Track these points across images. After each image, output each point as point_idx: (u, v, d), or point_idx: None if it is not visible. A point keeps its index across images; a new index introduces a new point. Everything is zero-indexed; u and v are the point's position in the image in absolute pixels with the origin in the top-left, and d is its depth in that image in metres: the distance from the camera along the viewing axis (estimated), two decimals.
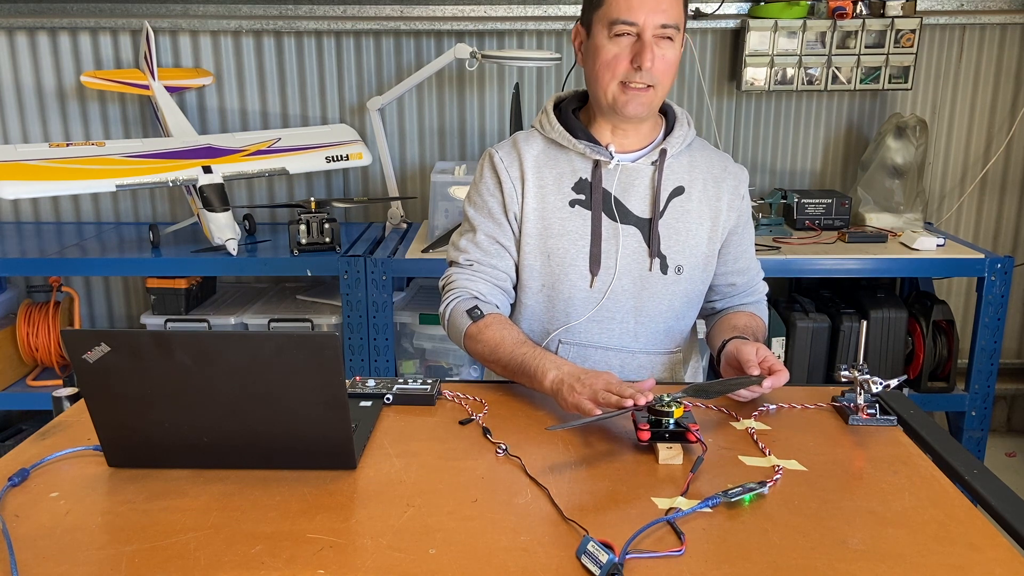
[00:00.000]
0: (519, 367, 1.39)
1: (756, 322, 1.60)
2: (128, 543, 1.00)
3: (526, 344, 1.43)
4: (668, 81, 1.46)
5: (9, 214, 3.07)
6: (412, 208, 3.00)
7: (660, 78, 1.44)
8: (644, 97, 1.45)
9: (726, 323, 1.59)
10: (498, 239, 1.54)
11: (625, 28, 1.41)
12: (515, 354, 1.41)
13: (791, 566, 0.95)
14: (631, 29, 1.41)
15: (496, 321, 1.47)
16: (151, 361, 1.09)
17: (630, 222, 1.52)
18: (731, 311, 1.64)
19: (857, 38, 2.77)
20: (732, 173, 1.58)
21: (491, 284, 1.54)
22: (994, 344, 2.46)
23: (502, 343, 1.43)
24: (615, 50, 1.43)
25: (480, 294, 1.52)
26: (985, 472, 1.16)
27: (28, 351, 2.71)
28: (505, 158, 1.54)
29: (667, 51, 1.43)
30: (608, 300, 1.53)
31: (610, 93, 1.46)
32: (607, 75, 1.44)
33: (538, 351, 1.40)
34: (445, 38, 2.90)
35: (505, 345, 1.43)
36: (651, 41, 1.41)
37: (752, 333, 1.53)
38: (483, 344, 1.46)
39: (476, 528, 1.03)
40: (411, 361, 2.65)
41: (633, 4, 1.40)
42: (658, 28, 1.41)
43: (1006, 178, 3.07)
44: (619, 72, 1.43)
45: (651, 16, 1.40)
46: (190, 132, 2.68)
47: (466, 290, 1.53)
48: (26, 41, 2.91)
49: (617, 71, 1.43)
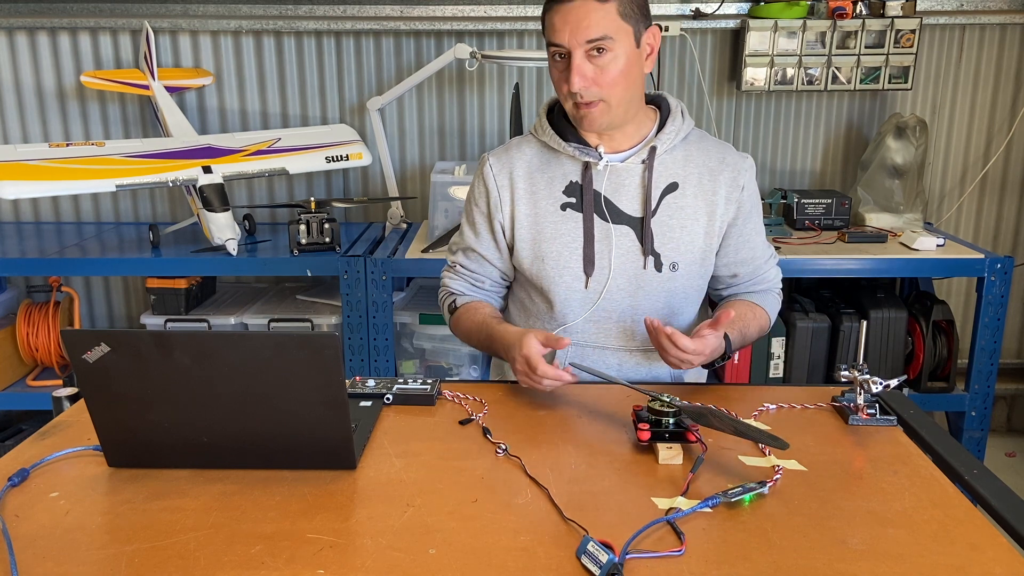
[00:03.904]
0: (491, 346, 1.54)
1: (753, 310, 1.59)
2: (128, 543, 1.00)
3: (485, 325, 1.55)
4: (620, 90, 1.43)
5: (9, 214, 3.07)
6: (412, 208, 3.00)
7: (606, 91, 1.42)
8: (595, 112, 1.45)
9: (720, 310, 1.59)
10: (476, 249, 1.63)
11: (557, 50, 1.42)
12: (482, 336, 1.56)
13: (791, 566, 0.95)
14: (561, 50, 1.41)
15: (469, 309, 1.61)
16: (151, 361, 1.09)
17: (622, 222, 1.53)
18: (734, 299, 1.64)
19: (857, 38, 2.77)
20: (730, 164, 1.55)
21: (469, 284, 1.66)
22: (994, 344, 2.46)
23: (470, 330, 1.60)
24: (557, 73, 1.45)
25: (459, 291, 1.66)
26: (985, 472, 1.16)
27: (28, 351, 2.70)
28: (495, 165, 1.58)
29: (606, 62, 1.40)
30: (604, 300, 1.54)
31: (569, 110, 1.49)
32: (561, 95, 1.48)
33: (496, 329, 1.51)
34: (445, 38, 2.90)
35: (472, 332, 1.59)
36: (580, 61, 1.40)
37: (743, 322, 1.54)
38: (461, 332, 1.63)
39: (476, 528, 1.03)
40: (411, 361, 2.65)
41: (556, 26, 1.40)
42: (585, 45, 1.39)
43: (1006, 178, 3.07)
44: (564, 92, 1.45)
45: (574, 36, 1.39)
46: (190, 132, 2.68)
47: (448, 288, 1.68)
48: (26, 41, 2.90)
49: (563, 91, 1.45)
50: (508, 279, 1.66)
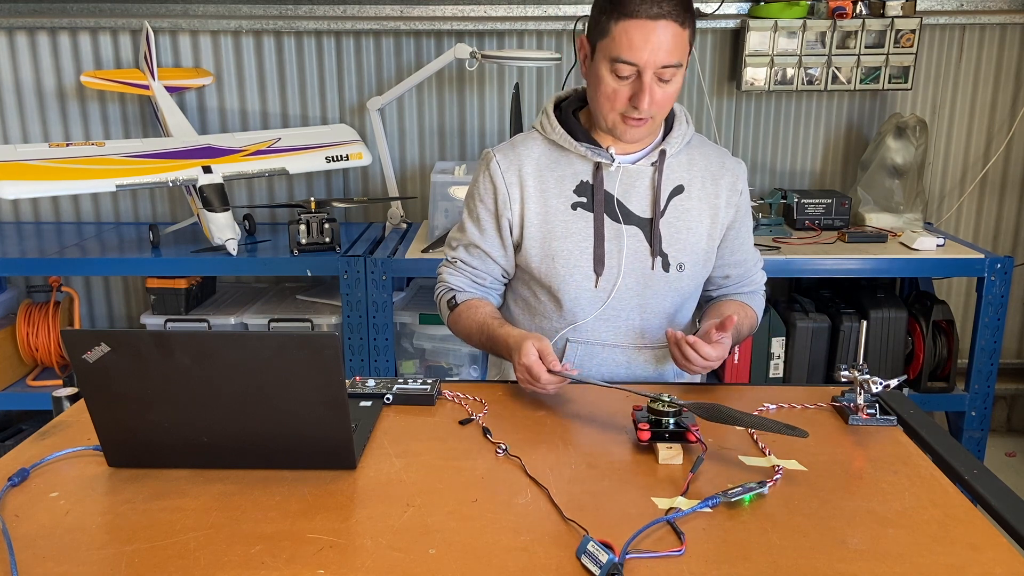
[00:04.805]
0: (492, 348, 1.54)
1: (745, 310, 1.63)
2: (128, 543, 1.00)
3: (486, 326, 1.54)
4: (668, 109, 1.48)
5: (9, 214, 3.07)
6: (412, 208, 3.00)
7: (659, 110, 1.45)
8: (642, 128, 1.47)
9: (714, 310, 1.62)
10: (479, 246, 1.60)
11: (626, 68, 1.40)
12: (483, 337, 1.55)
13: (791, 566, 0.95)
14: (632, 69, 1.40)
15: (469, 307, 1.59)
16: (151, 361, 1.09)
17: (632, 222, 1.54)
18: (723, 299, 1.67)
19: (857, 38, 2.77)
20: (730, 169, 1.60)
21: (470, 280, 1.64)
22: (994, 344, 2.46)
23: (471, 329, 1.58)
24: (615, 86, 1.42)
25: (459, 287, 1.63)
26: (985, 472, 1.16)
27: (28, 351, 2.71)
28: (503, 162, 1.56)
29: (668, 87, 1.42)
30: (613, 299, 1.56)
31: (610, 121, 1.47)
32: (607, 105, 1.45)
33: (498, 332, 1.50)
34: (445, 38, 2.90)
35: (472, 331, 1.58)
36: (651, 81, 1.39)
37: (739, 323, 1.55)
38: (460, 329, 1.61)
39: (476, 528, 1.03)
40: (411, 361, 2.65)
41: (636, 44, 1.37)
42: (659, 68, 1.39)
43: (1006, 178, 3.07)
44: (618, 106, 1.44)
45: (652, 57, 1.38)
46: (190, 132, 2.68)
47: (447, 284, 1.65)
48: (26, 41, 2.90)
49: (616, 105, 1.44)
50: (508, 277, 1.66)
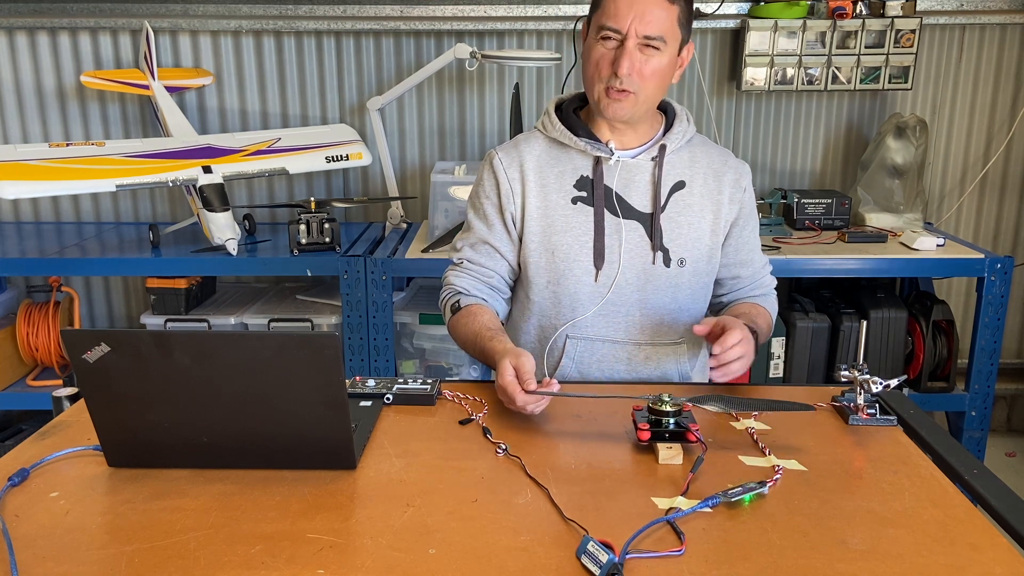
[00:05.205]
0: (484, 361, 1.50)
1: (759, 311, 1.63)
2: (128, 543, 1.00)
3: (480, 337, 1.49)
4: (651, 88, 1.49)
5: (9, 214, 3.07)
6: (412, 208, 2.99)
7: (641, 85, 1.47)
8: (624, 103, 1.49)
9: (730, 313, 1.62)
10: (489, 241, 1.60)
11: (610, 33, 1.45)
12: (476, 349, 1.51)
13: (791, 566, 0.95)
14: (616, 35, 1.45)
15: (468, 313, 1.55)
16: (151, 361, 1.08)
17: (632, 217, 1.55)
18: (737, 303, 1.67)
19: (857, 38, 2.77)
20: (732, 167, 1.61)
21: (477, 280, 1.61)
22: (994, 344, 2.46)
23: (466, 337, 1.54)
24: (601, 51, 1.48)
25: (464, 289, 1.60)
26: (985, 472, 1.16)
27: (28, 351, 2.70)
28: (505, 159, 1.59)
29: (651, 59, 1.46)
30: (613, 294, 1.56)
31: (596, 93, 1.51)
32: (594, 75, 1.50)
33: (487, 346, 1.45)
34: (445, 38, 2.90)
35: (468, 340, 1.54)
36: (632, 49, 1.45)
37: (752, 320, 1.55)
38: (457, 336, 1.58)
39: (476, 528, 1.03)
40: (411, 361, 2.65)
41: (621, 11, 1.44)
42: (641, 38, 1.44)
43: (1006, 178, 3.07)
44: (603, 74, 1.48)
45: (635, 25, 1.43)
46: (190, 132, 2.68)
47: (453, 287, 1.62)
48: (26, 41, 2.90)
49: (602, 73, 1.48)
50: (515, 276, 1.65)
